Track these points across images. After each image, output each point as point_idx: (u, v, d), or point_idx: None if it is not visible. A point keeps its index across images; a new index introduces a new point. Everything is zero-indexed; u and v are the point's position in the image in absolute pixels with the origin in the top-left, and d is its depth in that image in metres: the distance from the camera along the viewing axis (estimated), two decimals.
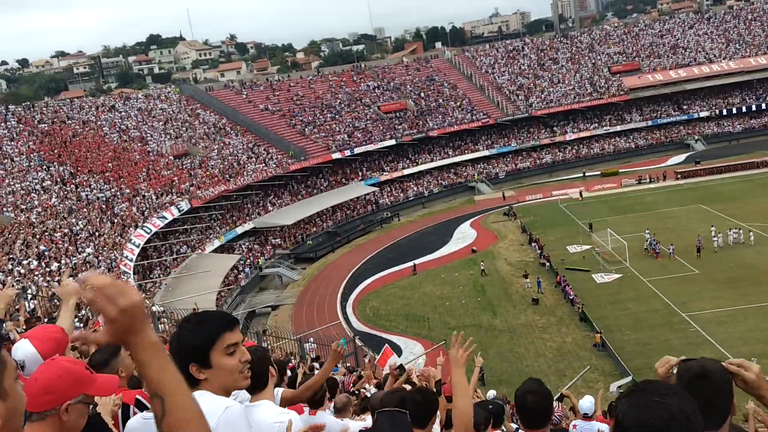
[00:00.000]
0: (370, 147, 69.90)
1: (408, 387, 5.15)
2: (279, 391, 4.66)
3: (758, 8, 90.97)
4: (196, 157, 58.98)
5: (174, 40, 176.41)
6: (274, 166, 61.35)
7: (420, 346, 33.85)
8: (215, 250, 49.40)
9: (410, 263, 48.10)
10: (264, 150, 63.97)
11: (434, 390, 3.79)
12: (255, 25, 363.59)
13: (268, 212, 59.13)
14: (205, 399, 2.32)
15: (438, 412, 3.90)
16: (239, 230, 53.82)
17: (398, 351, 32.71)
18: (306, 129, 69.86)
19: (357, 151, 68.77)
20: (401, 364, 7.60)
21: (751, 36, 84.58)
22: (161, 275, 42.11)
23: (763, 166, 62.08)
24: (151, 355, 1.75)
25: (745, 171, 61.76)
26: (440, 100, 78.59)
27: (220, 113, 68.54)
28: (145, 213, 44.82)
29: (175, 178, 52.66)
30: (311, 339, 28.44)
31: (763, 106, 78.46)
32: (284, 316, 42.13)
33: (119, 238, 39.04)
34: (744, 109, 78.78)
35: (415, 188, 70.84)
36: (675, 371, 2.43)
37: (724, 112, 78.95)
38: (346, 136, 70.23)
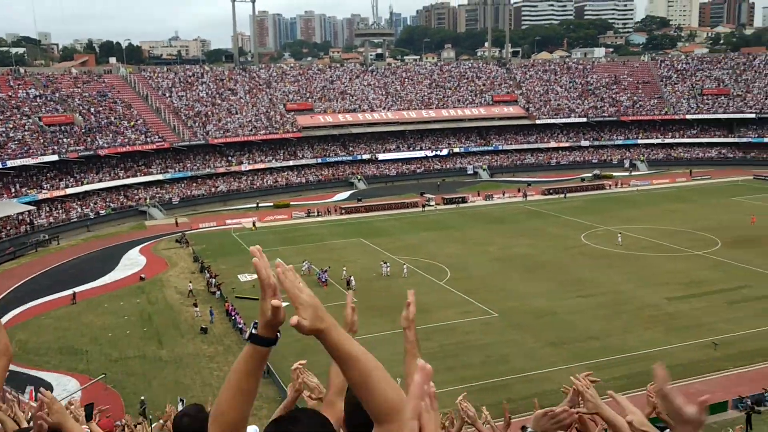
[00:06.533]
0: (28, 161, 62.93)
1: None
2: None
3: (411, 69, 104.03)
4: None
5: None
6: None
7: (75, 381, 31.12)
8: None
9: (69, 291, 44.12)
10: None
11: None
12: None
13: None
14: None
15: None
16: None
17: (49, 388, 29.63)
18: None
19: (10, 164, 61.35)
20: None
21: (405, 92, 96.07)
22: None
23: (411, 206, 70.53)
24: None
25: (398, 210, 69.49)
26: (112, 118, 74.21)
27: None
28: None
29: None
30: None
31: (413, 154, 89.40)
32: None
33: None
34: (398, 155, 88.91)
35: (80, 209, 65.41)
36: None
37: (381, 156, 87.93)
38: None
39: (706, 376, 29.39)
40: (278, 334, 2.24)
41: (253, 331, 2.23)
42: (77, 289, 44.55)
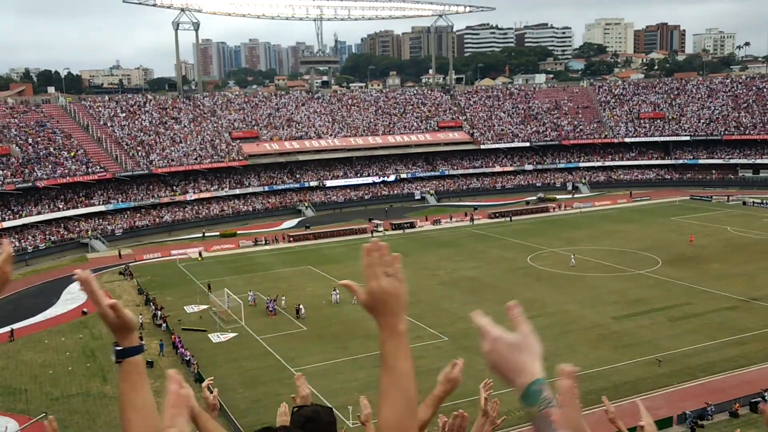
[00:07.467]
0: None
1: None
2: None
3: (357, 96, 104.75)
4: None
5: None
6: None
7: (14, 422, 29.90)
8: None
9: (7, 328, 42.49)
10: None
11: None
12: None
13: None
14: None
15: None
16: None
17: None
18: None
19: None
20: None
21: (351, 119, 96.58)
22: None
23: (360, 233, 70.52)
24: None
25: (346, 236, 69.39)
26: (51, 149, 72.33)
27: None
28: None
29: None
30: None
31: (360, 180, 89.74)
32: None
33: None
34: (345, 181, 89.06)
35: (18, 243, 63.19)
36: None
37: (328, 183, 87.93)
38: None
39: (651, 392, 30.06)
40: (140, 340, 2.29)
41: (116, 348, 2.28)
42: (15, 326, 42.95)
